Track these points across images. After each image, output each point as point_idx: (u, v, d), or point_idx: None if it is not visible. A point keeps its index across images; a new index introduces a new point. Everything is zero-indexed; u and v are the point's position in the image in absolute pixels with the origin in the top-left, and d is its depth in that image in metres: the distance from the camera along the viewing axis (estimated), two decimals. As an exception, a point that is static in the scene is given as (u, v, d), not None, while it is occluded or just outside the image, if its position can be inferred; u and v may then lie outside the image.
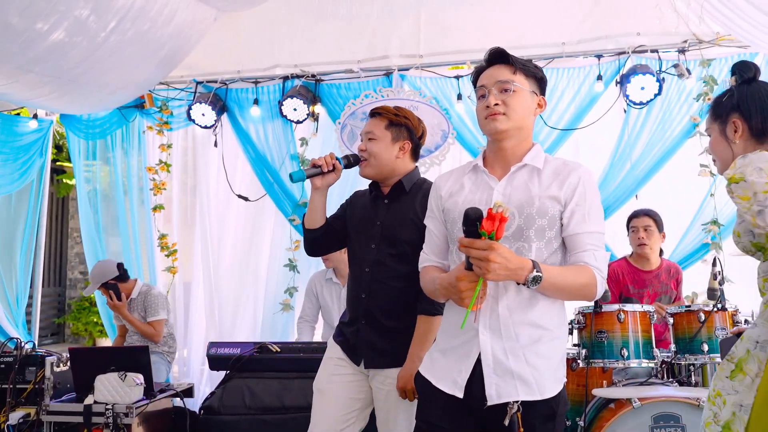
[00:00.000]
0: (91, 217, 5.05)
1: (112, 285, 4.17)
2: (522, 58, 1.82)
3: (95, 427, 3.14)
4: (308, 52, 4.53)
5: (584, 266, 1.68)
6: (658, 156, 4.14)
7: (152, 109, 4.83)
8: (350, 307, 2.42)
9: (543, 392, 1.67)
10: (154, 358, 4.04)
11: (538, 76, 1.81)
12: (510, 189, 1.74)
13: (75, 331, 9.00)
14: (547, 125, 4.23)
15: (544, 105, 1.83)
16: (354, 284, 2.40)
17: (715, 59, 4.04)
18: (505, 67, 1.78)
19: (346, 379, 2.34)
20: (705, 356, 2.91)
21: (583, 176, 1.73)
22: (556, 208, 1.70)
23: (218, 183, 4.84)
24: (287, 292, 4.60)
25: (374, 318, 2.30)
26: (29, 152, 5.00)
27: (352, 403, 2.33)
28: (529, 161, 1.77)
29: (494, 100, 1.74)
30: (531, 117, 1.79)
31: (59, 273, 9.57)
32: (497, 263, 1.52)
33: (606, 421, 2.66)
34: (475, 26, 4.26)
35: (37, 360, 3.38)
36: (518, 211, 1.70)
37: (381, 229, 2.36)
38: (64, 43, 3.56)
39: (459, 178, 1.86)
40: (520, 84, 1.75)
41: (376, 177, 2.42)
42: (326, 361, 2.42)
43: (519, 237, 1.70)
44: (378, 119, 2.41)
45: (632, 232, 3.75)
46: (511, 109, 1.74)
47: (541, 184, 1.73)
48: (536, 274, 1.56)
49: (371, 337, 2.30)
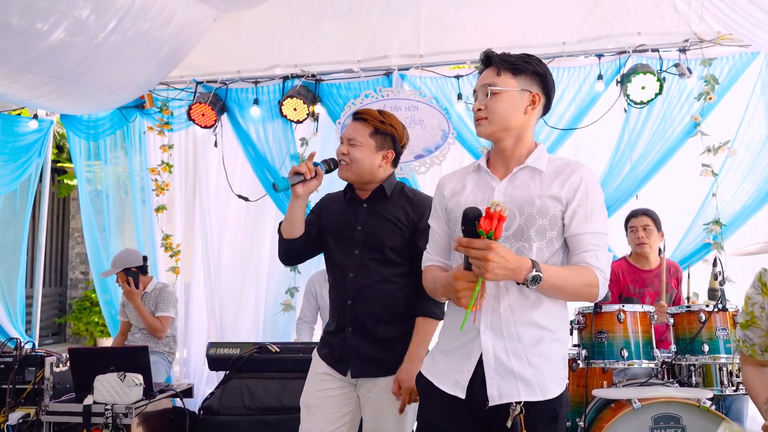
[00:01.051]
0: (93, 217, 5.05)
1: (133, 273, 4.19)
2: (515, 55, 1.80)
3: (95, 428, 3.13)
4: (308, 52, 4.52)
5: (585, 267, 1.66)
6: (659, 156, 4.13)
7: (152, 110, 4.83)
8: (335, 315, 2.35)
9: (545, 393, 1.66)
10: (155, 358, 4.04)
11: (530, 71, 1.77)
12: (511, 189, 1.74)
13: (76, 331, 9.02)
14: (548, 125, 4.21)
15: (539, 100, 1.78)
16: (337, 291, 2.33)
17: (716, 58, 4.03)
18: (492, 68, 1.78)
19: (332, 393, 2.29)
20: (706, 357, 2.90)
21: (586, 176, 1.72)
22: (557, 208, 1.69)
23: (218, 183, 4.83)
24: (288, 293, 4.59)
25: (361, 324, 2.25)
26: (29, 152, 5.00)
27: (342, 417, 2.28)
28: (531, 163, 1.76)
29: (477, 105, 1.77)
30: (521, 115, 1.76)
31: (60, 273, 9.59)
32: (495, 262, 1.51)
33: (606, 421, 2.65)
34: (475, 26, 4.26)
35: (36, 360, 3.38)
36: (519, 211, 1.69)
37: (363, 235, 2.29)
38: (63, 43, 3.56)
39: (462, 178, 1.86)
40: (503, 85, 1.74)
41: (354, 181, 2.34)
42: (312, 377, 2.35)
43: (520, 237, 1.69)
44: (363, 125, 2.31)
45: (631, 231, 3.74)
46: (491, 111, 1.74)
47: (543, 183, 1.72)
48: (535, 274, 1.55)
49: (358, 345, 2.25)
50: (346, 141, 2.32)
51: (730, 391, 2.92)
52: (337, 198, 2.45)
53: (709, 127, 4.04)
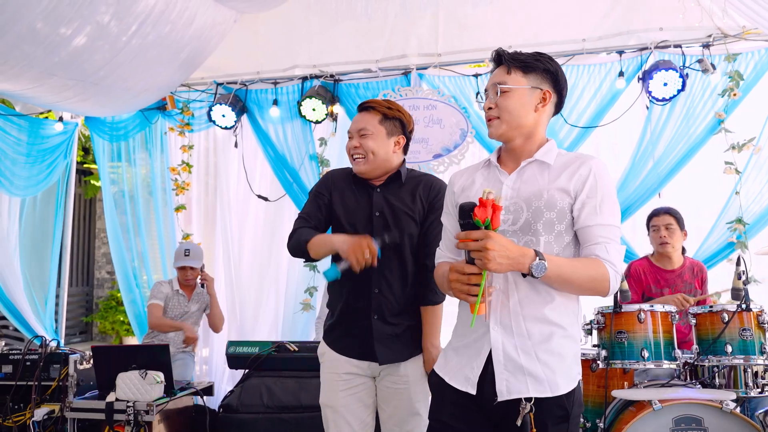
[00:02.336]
0: (117, 217, 5.14)
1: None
2: (525, 53, 1.78)
3: (117, 424, 3.19)
4: (327, 52, 4.54)
5: (595, 259, 1.63)
6: (682, 153, 4.06)
7: (174, 111, 4.90)
8: (356, 301, 2.29)
9: (555, 389, 1.64)
10: (185, 357, 4.11)
11: (541, 68, 1.75)
12: (519, 183, 1.73)
13: (102, 329, 9.18)
14: (568, 123, 4.17)
15: (550, 97, 1.76)
16: (359, 279, 2.23)
17: (741, 54, 3.95)
18: (502, 68, 1.78)
19: (356, 391, 2.29)
20: (729, 357, 2.84)
21: (595, 167, 1.69)
22: (565, 201, 1.67)
23: (238, 183, 4.88)
24: (307, 292, 4.62)
25: (388, 312, 2.26)
26: (54, 154, 5.11)
27: (366, 409, 2.31)
28: (539, 156, 1.75)
29: (488, 104, 1.77)
30: (532, 113, 1.75)
31: (87, 273, 9.77)
32: (495, 251, 1.50)
33: (626, 423, 2.61)
34: (493, 24, 4.23)
35: (61, 358, 3.45)
36: (526, 205, 1.68)
37: (382, 221, 2.28)
38: (86, 47, 3.63)
39: (472, 174, 1.86)
40: (513, 83, 1.73)
41: (371, 174, 2.31)
42: (332, 378, 2.31)
43: (527, 231, 1.68)
44: (370, 114, 2.30)
45: (653, 231, 3.68)
46: (503, 110, 1.74)
47: (551, 176, 1.71)
48: (539, 262, 1.54)
49: (385, 331, 2.26)
50: (355, 134, 2.31)
51: (755, 393, 2.85)
52: (345, 177, 2.40)
53: (734, 124, 3.96)
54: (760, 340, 2.84)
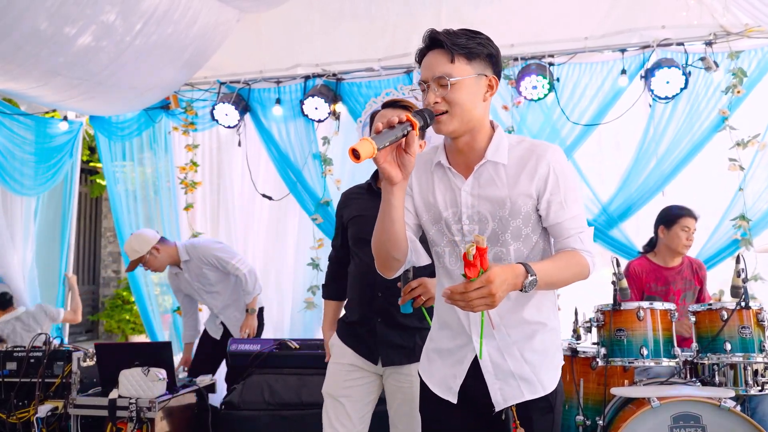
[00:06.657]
0: (123, 216, 5.17)
1: None
2: (461, 33, 1.60)
3: (120, 421, 3.21)
4: (329, 51, 4.56)
5: (573, 252, 1.63)
6: (686, 151, 4.06)
7: (177, 110, 4.93)
8: (359, 305, 2.38)
9: (546, 388, 1.66)
10: None
11: (485, 53, 1.60)
12: (478, 189, 1.64)
13: (108, 328, 9.24)
14: (570, 120, 4.17)
15: (496, 85, 1.64)
16: (365, 284, 2.33)
17: (743, 51, 3.94)
18: (442, 53, 1.58)
19: (359, 383, 2.33)
20: (728, 355, 2.82)
21: (552, 162, 1.61)
22: (529, 204, 1.62)
23: (243, 182, 4.91)
24: (310, 290, 4.64)
25: (392, 316, 2.30)
26: (60, 153, 5.15)
27: (367, 405, 2.34)
28: (491, 157, 1.63)
29: (434, 98, 1.57)
30: (480, 104, 1.62)
31: (93, 271, 9.84)
32: (501, 292, 1.43)
33: (625, 420, 2.61)
34: (496, 22, 4.22)
35: (64, 355, 3.48)
36: (491, 216, 1.63)
37: None
38: (91, 46, 3.67)
39: (427, 169, 1.73)
40: (460, 73, 1.57)
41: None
42: (337, 368, 2.37)
43: (495, 242, 1.64)
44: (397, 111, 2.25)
45: (683, 231, 3.53)
46: (454, 104, 1.57)
47: (509, 179, 1.63)
48: (532, 278, 1.49)
49: (389, 334, 2.30)
50: None
51: (755, 391, 2.84)
52: (359, 194, 2.49)
53: (738, 121, 3.95)
54: (759, 338, 2.82)
